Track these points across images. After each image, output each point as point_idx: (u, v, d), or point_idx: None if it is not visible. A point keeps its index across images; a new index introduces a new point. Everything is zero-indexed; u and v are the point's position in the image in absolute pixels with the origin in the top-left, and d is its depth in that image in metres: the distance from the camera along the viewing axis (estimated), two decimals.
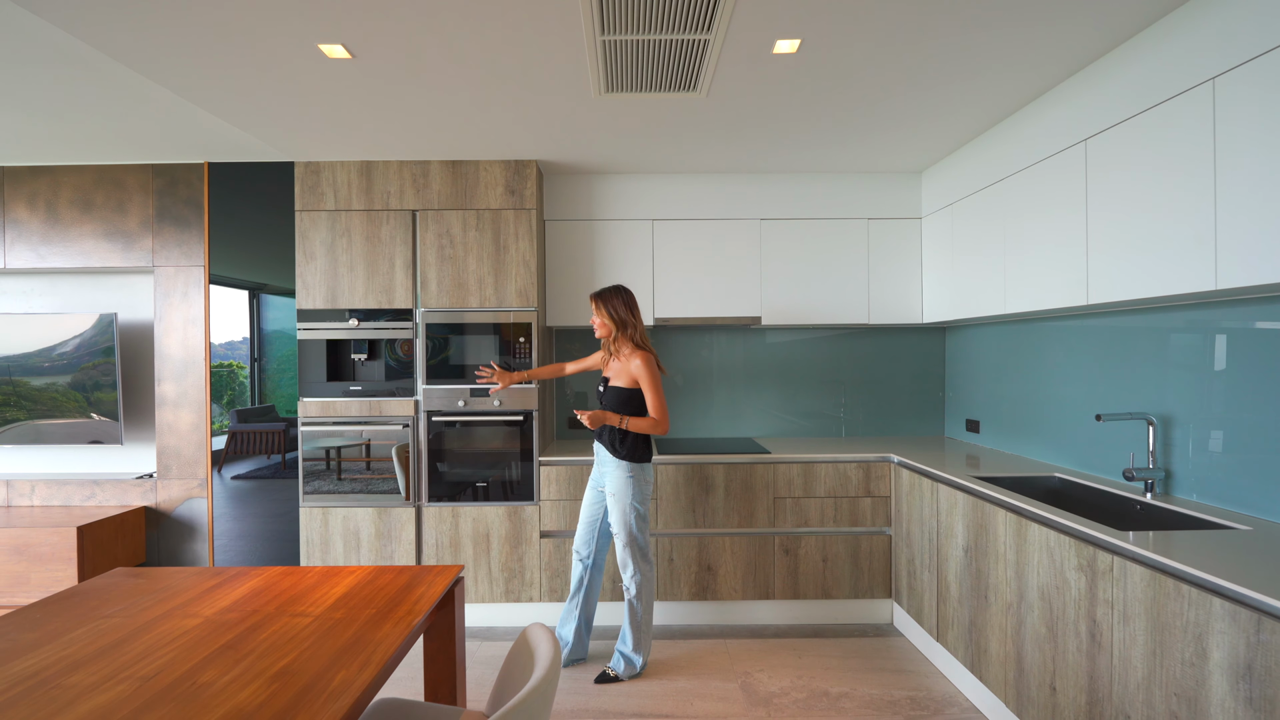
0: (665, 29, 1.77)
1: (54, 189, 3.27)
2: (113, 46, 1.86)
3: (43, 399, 3.29)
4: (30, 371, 3.27)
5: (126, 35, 1.80)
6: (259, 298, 3.29)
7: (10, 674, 1.19)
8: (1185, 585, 1.36)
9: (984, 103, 2.31)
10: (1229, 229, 1.54)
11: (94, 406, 3.28)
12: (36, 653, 1.27)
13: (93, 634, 1.35)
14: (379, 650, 1.29)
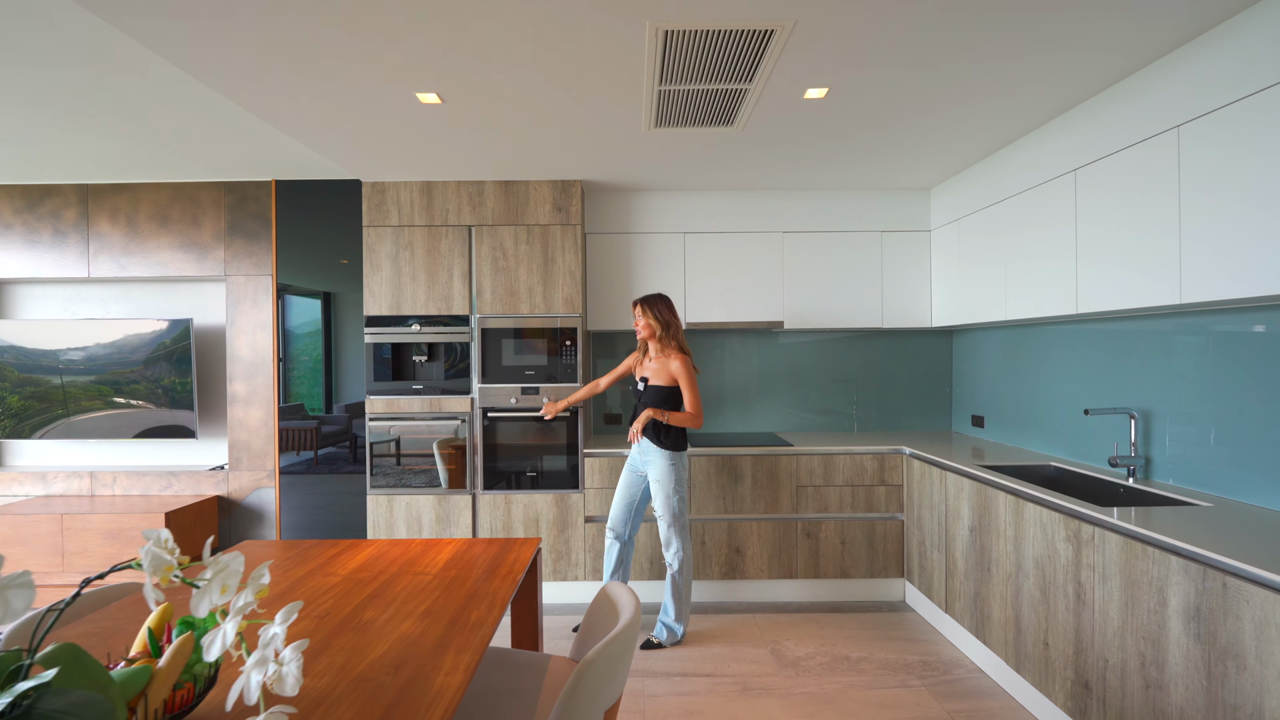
0: (713, 81, 2.07)
1: (134, 204, 3.58)
2: (232, 90, 2.16)
3: (122, 393, 3.60)
4: (111, 369, 3.58)
5: (251, 87, 2.11)
6: (283, 299, 3.58)
7: None
8: (1151, 548, 1.66)
9: (987, 133, 2.61)
10: (1191, 253, 1.84)
11: (169, 403, 3.59)
12: None
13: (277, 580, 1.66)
14: (497, 598, 1.59)
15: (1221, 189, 1.74)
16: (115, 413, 3.60)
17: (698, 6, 1.64)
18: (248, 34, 1.76)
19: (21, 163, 3.24)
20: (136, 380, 3.59)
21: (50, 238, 3.58)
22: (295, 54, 1.88)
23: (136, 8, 1.62)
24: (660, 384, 2.72)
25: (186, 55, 1.88)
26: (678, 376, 2.69)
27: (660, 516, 2.71)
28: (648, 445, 2.71)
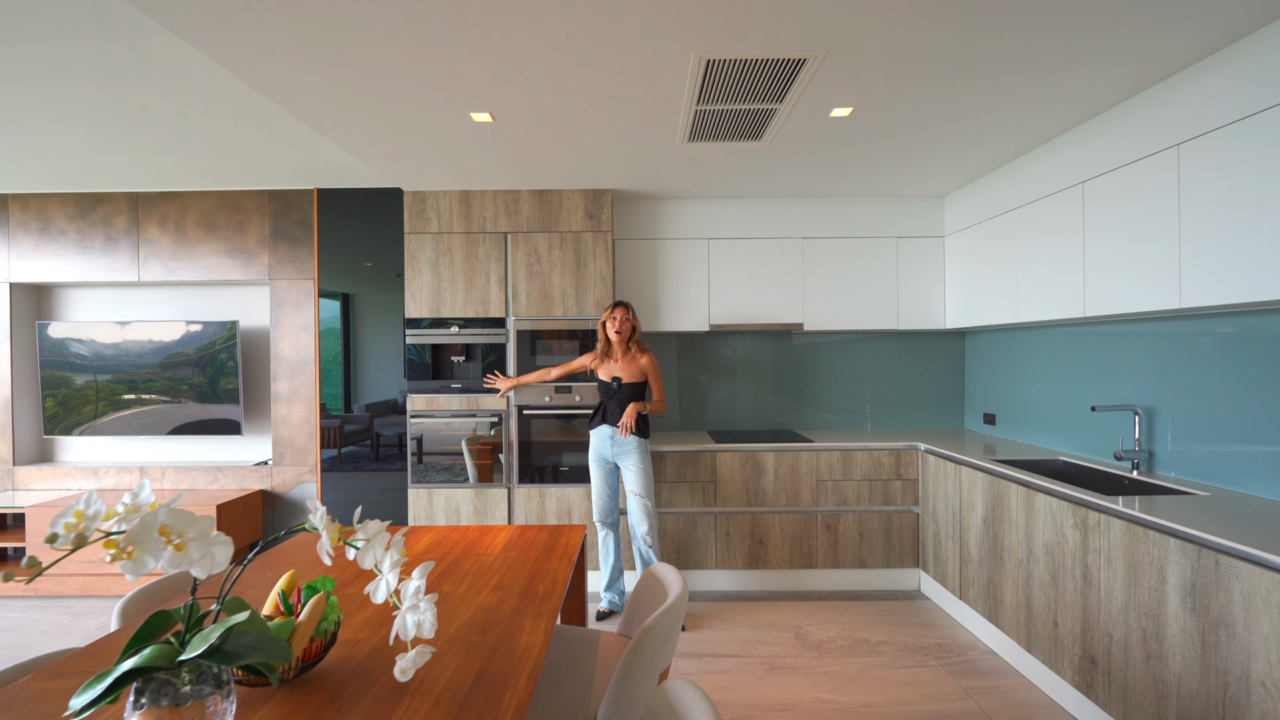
0: (746, 102, 2.24)
1: (182, 211, 3.77)
2: (304, 111, 2.34)
3: (169, 392, 3.78)
4: (159, 368, 3.76)
5: (322, 109, 2.28)
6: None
7: None
8: (1151, 531, 1.82)
9: (999, 146, 2.77)
10: (1189, 261, 2.00)
11: (215, 400, 3.77)
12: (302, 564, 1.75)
13: (340, 565, 1.83)
14: (558, 574, 1.76)
15: (1218, 203, 1.90)
16: (162, 408, 3.78)
17: (738, 39, 1.81)
18: (323, 60, 1.93)
19: (80, 173, 3.43)
20: (184, 378, 3.77)
21: (102, 243, 3.77)
22: (363, 78, 2.05)
23: (228, 39, 1.79)
24: (633, 380, 3.02)
25: (267, 81, 2.05)
26: (648, 371, 3.05)
27: (640, 496, 2.99)
28: (621, 437, 3.00)
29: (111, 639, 1.37)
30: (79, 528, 0.81)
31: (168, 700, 0.92)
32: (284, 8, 1.63)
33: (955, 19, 1.71)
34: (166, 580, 1.83)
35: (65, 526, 0.81)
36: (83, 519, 0.82)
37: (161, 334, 3.77)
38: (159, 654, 0.93)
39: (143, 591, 1.73)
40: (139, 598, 1.70)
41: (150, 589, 1.76)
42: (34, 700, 1.11)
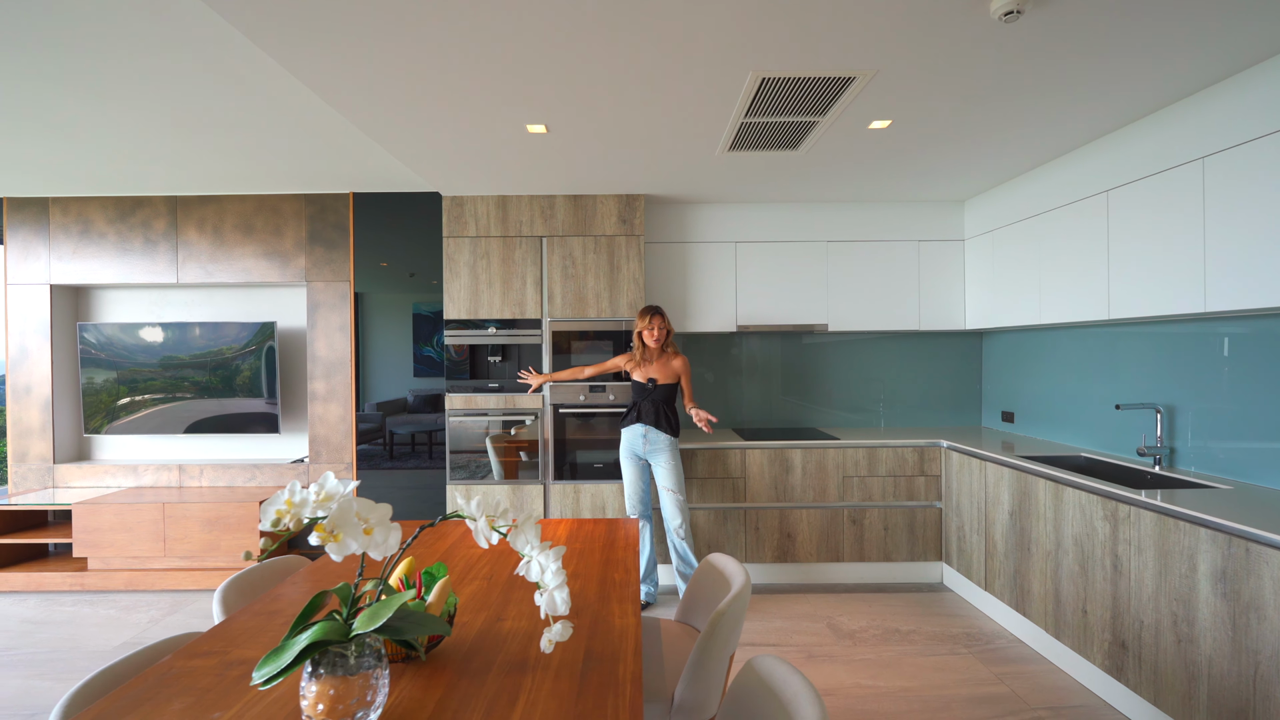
0: (790, 115, 2.34)
1: (220, 215, 3.85)
2: (357, 116, 2.43)
3: (206, 391, 3.86)
4: (197, 368, 3.84)
5: (381, 114, 2.37)
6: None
7: None
8: (1183, 522, 1.94)
9: (1024, 155, 2.88)
10: (1214, 267, 2.11)
11: (252, 398, 3.85)
12: None
13: (425, 554, 1.93)
14: (629, 563, 1.86)
15: (1243, 212, 2.01)
16: (199, 406, 3.85)
17: (794, 59, 1.91)
18: (393, 76, 2.02)
19: (119, 177, 3.50)
20: (221, 378, 3.85)
21: (141, 246, 3.84)
22: (430, 92, 2.14)
23: (311, 57, 1.88)
24: (667, 381, 3.16)
25: (340, 96, 2.14)
26: (681, 373, 3.21)
27: (673, 491, 3.12)
28: (657, 434, 3.12)
29: (229, 624, 1.45)
30: (292, 513, 0.91)
31: (341, 671, 1.02)
32: (365, 31, 1.72)
33: (998, 45, 1.82)
34: (254, 570, 1.92)
35: (278, 513, 0.91)
36: (293, 506, 0.92)
37: (200, 335, 3.85)
38: (331, 629, 1.03)
39: (234, 582, 1.82)
40: (234, 586, 1.79)
41: (240, 579, 1.85)
42: (184, 676, 1.20)
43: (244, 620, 1.47)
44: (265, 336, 3.84)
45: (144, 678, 1.20)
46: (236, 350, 3.85)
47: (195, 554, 3.47)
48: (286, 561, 2.03)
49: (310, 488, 0.97)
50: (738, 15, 1.67)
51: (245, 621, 1.46)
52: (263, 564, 1.95)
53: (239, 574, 1.85)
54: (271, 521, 0.91)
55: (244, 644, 1.35)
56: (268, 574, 1.95)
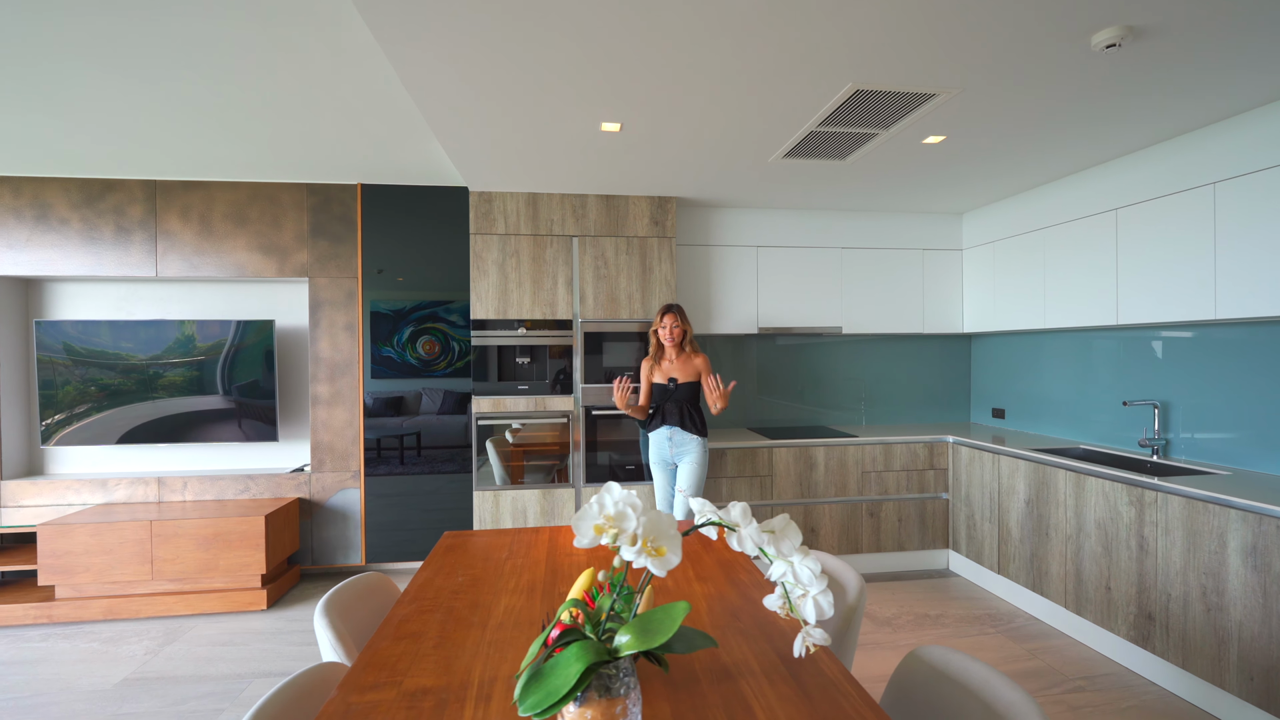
0: (859, 126, 2.44)
1: (207, 203, 3.52)
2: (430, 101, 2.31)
3: (190, 394, 3.52)
4: (179, 371, 3.49)
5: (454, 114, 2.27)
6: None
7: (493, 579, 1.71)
8: (1213, 505, 2.20)
9: (1034, 175, 3.14)
10: (1224, 278, 2.40)
11: (246, 403, 3.54)
12: (485, 567, 1.78)
13: (488, 562, 1.87)
14: (744, 561, 1.89)
15: (1251, 232, 2.31)
16: (181, 413, 3.51)
17: (893, 73, 2.01)
18: (482, 65, 1.95)
19: (85, 158, 3.12)
20: (207, 382, 3.52)
21: (113, 235, 3.45)
22: (513, 82, 2.08)
23: (416, 37, 1.78)
24: (688, 380, 3.06)
25: (425, 83, 2.03)
26: (703, 371, 3.07)
27: (684, 493, 2.98)
28: (683, 436, 3.01)
29: (376, 652, 1.35)
30: (612, 527, 0.88)
31: (606, 693, 0.98)
32: (473, 24, 1.66)
33: (1081, 73, 1.99)
34: (344, 590, 1.79)
35: (596, 528, 0.87)
36: (612, 520, 0.88)
37: (183, 334, 3.50)
38: (593, 649, 0.99)
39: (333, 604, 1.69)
40: (334, 609, 1.66)
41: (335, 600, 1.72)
42: (374, 713, 1.11)
43: (388, 646, 1.37)
44: (261, 336, 3.55)
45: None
46: (226, 351, 3.54)
47: (189, 576, 3.15)
48: (369, 579, 1.90)
49: (605, 499, 0.94)
50: (851, 27, 1.74)
51: (390, 648, 1.36)
52: (350, 582, 1.82)
53: (331, 595, 1.72)
54: (589, 539, 0.88)
55: (410, 672, 1.25)
56: (361, 591, 1.83)
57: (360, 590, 1.82)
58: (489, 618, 1.50)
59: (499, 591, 1.66)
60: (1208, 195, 2.47)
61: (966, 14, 1.68)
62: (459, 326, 3.65)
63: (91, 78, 2.25)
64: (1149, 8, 1.64)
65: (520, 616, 1.50)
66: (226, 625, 3.05)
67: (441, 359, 3.63)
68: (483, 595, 1.64)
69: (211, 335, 3.52)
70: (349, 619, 1.71)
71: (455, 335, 3.65)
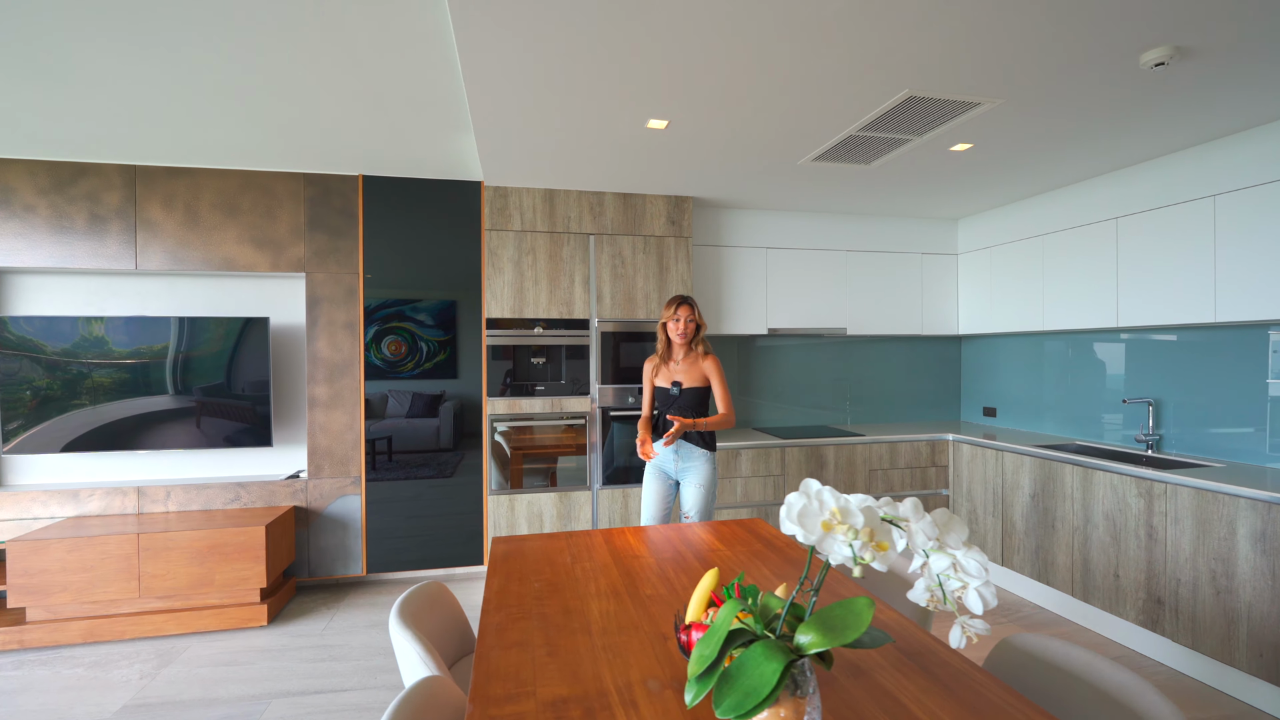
0: (897, 131, 2.50)
1: (193, 191, 3.29)
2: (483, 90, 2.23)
3: (176, 396, 3.27)
4: (162, 371, 3.24)
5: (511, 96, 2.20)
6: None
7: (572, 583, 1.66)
8: (1222, 495, 2.36)
9: (1032, 183, 3.30)
10: (1224, 286, 2.59)
11: (235, 406, 3.32)
12: (554, 573, 1.73)
13: (554, 567, 1.82)
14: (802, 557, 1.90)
15: (1251, 241, 2.49)
16: (160, 414, 3.25)
17: (946, 81, 2.07)
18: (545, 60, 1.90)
19: (60, 136, 2.86)
20: (193, 382, 3.28)
21: (86, 224, 3.17)
22: (565, 77, 2.03)
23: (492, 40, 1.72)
24: (695, 385, 2.64)
25: (481, 68, 1.96)
26: (712, 375, 2.64)
27: (697, 517, 2.60)
28: (690, 449, 2.62)
29: (488, 663, 1.28)
30: (842, 521, 0.85)
31: (796, 692, 0.96)
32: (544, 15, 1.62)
33: (1119, 89, 2.10)
34: (420, 591, 1.70)
35: (823, 525, 0.85)
36: (840, 514, 0.86)
37: (165, 332, 3.24)
38: (779, 649, 0.97)
39: (409, 613, 1.61)
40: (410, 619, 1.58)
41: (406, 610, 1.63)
42: None
43: (500, 656, 1.30)
44: (254, 334, 3.33)
45: None
46: (214, 350, 3.30)
47: (180, 592, 2.92)
48: (429, 589, 1.81)
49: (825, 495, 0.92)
50: (917, 35, 1.78)
51: (503, 658, 1.30)
52: (414, 593, 1.73)
53: (402, 607, 1.63)
54: (815, 536, 0.86)
55: (538, 681, 1.20)
56: (425, 602, 1.74)
57: (424, 600, 1.73)
58: (588, 623, 1.45)
59: (583, 596, 1.61)
60: (1208, 207, 2.65)
61: (1028, 29, 1.75)
62: (427, 326, 3.48)
63: (63, 39, 2.02)
64: (1200, 29, 1.75)
65: (620, 620, 1.46)
66: (226, 644, 2.84)
67: (408, 360, 3.47)
68: (569, 600, 1.58)
69: (198, 333, 3.28)
70: (422, 630, 1.62)
71: (423, 335, 3.48)
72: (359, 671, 2.58)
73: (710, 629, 1.04)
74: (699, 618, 1.29)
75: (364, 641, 2.85)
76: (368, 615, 3.13)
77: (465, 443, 3.52)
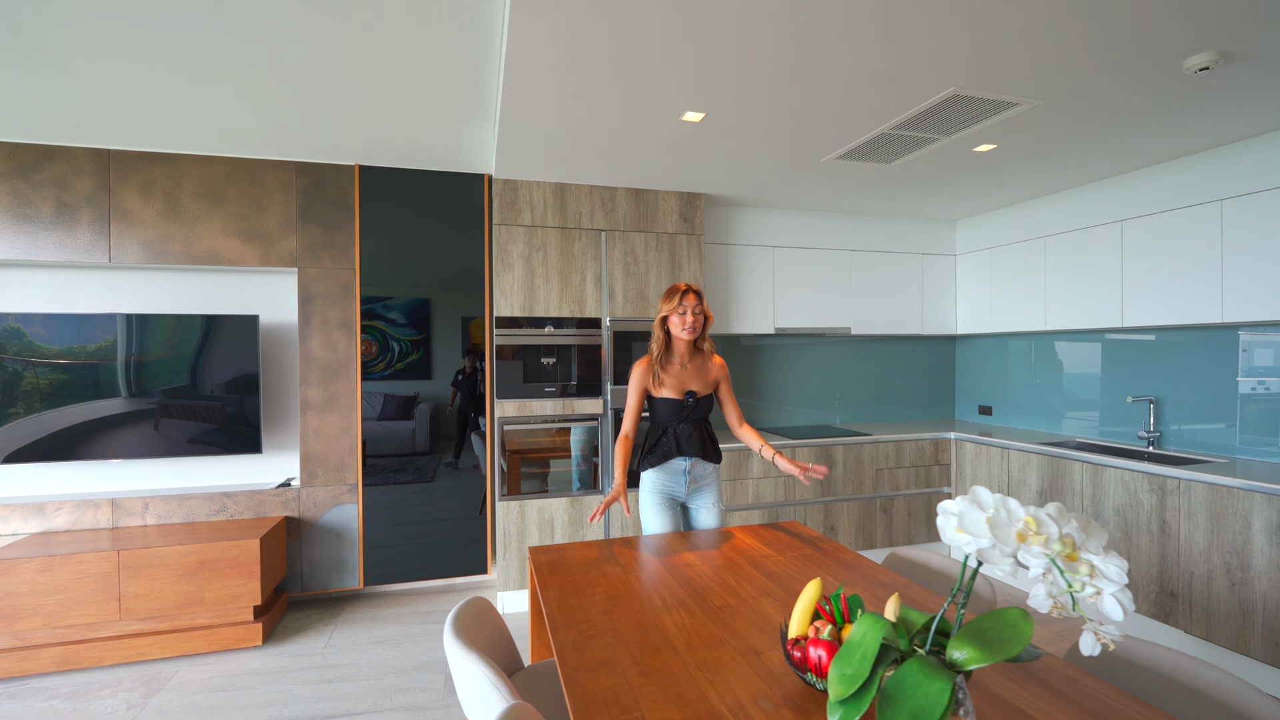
0: (928, 131, 2.50)
1: (174, 178, 3.06)
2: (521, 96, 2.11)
3: (155, 399, 3.03)
4: (138, 373, 3.00)
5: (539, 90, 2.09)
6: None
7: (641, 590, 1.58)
8: (1237, 490, 2.43)
9: (1034, 186, 3.37)
10: (1230, 285, 2.68)
11: (219, 409, 3.10)
12: (610, 585, 1.64)
13: (607, 578, 1.73)
14: (854, 558, 1.86)
15: (1257, 245, 2.58)
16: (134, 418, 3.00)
17: (990, 81, 2.06)
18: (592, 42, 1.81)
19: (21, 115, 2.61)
20: (174, 383, 3.04)
21: (52, 212, 2.90)
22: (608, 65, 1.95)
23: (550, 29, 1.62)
24: (708, 393, 2.31)
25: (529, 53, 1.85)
26: (723, 380, 2.35)
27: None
28: (704, 467, 2.30)
29: (583, 688, 1.19)
30: (1037, 535, 0.80)
31: (955, 708, 0.91)
32: None
33: (1153, 93, 2.13)
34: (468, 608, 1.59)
35: (1019, 535, 0.79)
36: (1035, 523, 0.80)
37: (143, 330, 2.99)
38: (934, 665, 0.92)
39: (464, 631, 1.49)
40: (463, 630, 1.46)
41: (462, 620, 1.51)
42: None
43: (590, 679, 1.21)
44: (242, 333, 3.10)
45: None
46: (196, 349, 3.07)
47: (166, 613, 2.69)
48: (474, 605, 1.70)
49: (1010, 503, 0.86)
50: (972, 32, 1.77)
51: (593, 680, 1.20)
52: (463, 610, 1.62)
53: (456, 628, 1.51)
54: (1010, 547, 0.80)
55: (643, 705, 1.11)
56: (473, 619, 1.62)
57: (475, 617, 1.61)
58: (669, 638, 1.36)
59: (650, 609, 1.52)
60: (1215, 210, 2.74)
61: (1078, 31, 1.75)
62: (399, 325, 3.31)
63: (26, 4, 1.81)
64: (1249, 36, 1.78)
65: (701, 635, 1.38)
66: (219, 667, 2.63)
67: (379, 360, 3.31)
68: (637, 614, 1.49)
69: (179, 331, 3.04)
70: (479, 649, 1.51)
71: (395, 335, 3.31)
72: (371, 692, 2.42)
73: (849, 646, 0.98)
74: (805, 631, 1.22)
75: (371, 659, 2.69)
76: (370, 630, 2.96)
77: (443, 445, 3.37)
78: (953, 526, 0.89)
